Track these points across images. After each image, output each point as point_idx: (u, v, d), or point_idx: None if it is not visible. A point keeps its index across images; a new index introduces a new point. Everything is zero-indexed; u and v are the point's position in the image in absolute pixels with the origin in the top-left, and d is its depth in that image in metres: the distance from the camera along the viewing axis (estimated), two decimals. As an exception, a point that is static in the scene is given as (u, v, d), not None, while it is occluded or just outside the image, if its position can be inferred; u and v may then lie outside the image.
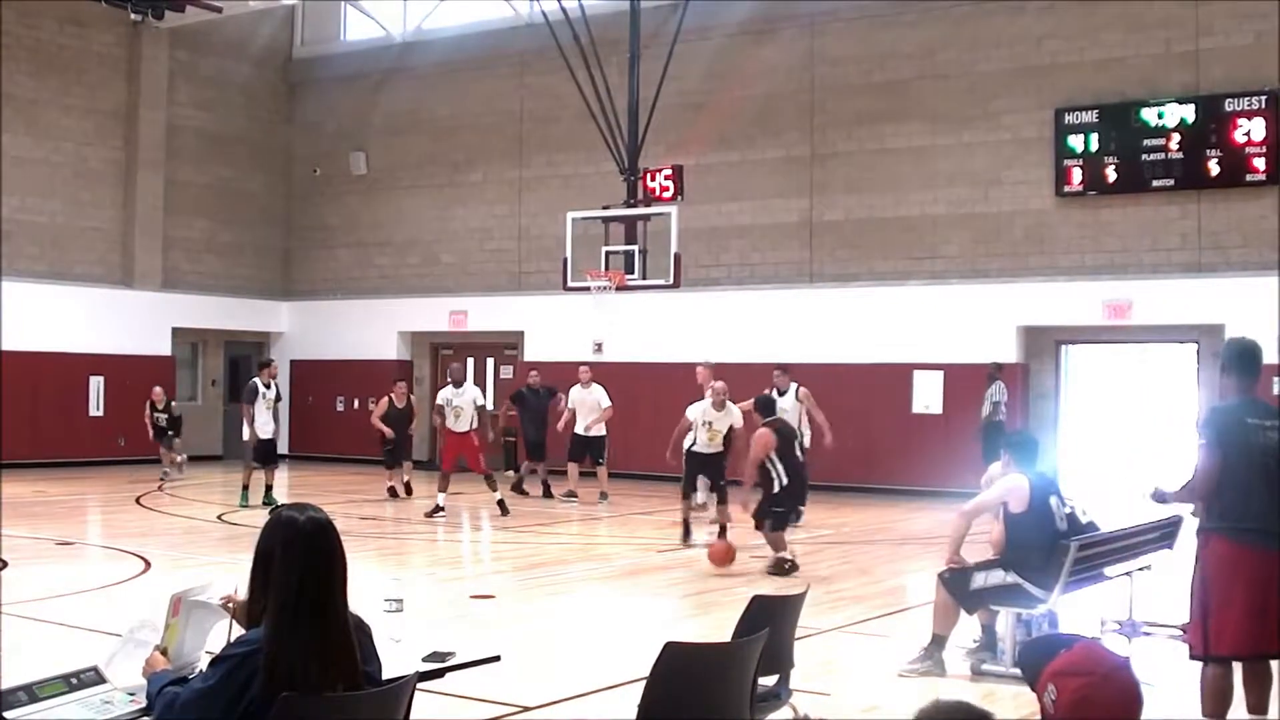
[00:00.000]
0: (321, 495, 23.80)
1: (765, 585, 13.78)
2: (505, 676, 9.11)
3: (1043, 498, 10.13)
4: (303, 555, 4.71)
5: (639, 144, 24.07)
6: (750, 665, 6.24)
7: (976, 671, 10.23)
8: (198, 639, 5.13)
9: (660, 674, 5.71)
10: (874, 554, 18.21)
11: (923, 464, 25.49)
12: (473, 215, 32.72)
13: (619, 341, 28.97)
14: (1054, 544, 9.96)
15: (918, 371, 26.24)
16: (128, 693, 5.08)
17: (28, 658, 9.97)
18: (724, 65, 29.03)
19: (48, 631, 11.75)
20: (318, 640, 4.63)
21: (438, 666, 5.96)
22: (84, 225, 31.72)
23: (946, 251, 26.68)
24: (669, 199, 23.27)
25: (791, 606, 7.35)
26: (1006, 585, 10.07)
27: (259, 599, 4.75)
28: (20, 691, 4.89)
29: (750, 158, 28.79)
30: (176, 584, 5.57)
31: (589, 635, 12.73)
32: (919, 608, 12.52)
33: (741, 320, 27.88)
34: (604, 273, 23.14)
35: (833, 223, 27.89)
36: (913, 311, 26.39)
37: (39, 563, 16.32)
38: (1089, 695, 4.34)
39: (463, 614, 13.17)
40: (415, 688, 5.09)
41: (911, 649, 10.49)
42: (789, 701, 7.32)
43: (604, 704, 9.23)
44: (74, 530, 19.25)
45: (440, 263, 33.24)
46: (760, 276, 28.58)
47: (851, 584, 15.45)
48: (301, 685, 4.52)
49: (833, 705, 9.13)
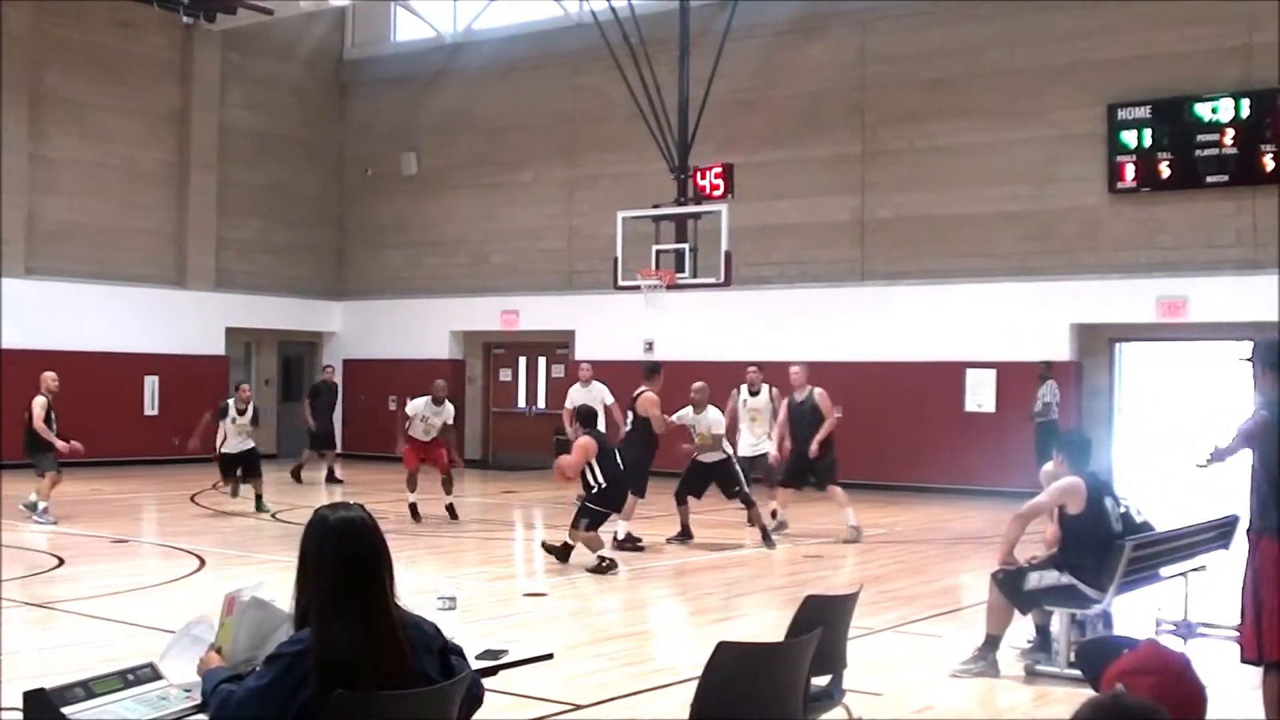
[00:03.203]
0: (373, 494, 23.88)
1: (816, 585, 13.76)
2: (557, 675, 9.14)
3: (1098, 498, 10.08)
4: (336, 554, 4.74)
5: (689, 142, 24.02)
6: (803, 665, 6.22)
7: (1030, 672, 10.19)
8: (252, 638, 5.14)
9: (713, 674, 5.71)
10: (926, 553, 18.15)
11: (975, 463, 25.39)
12: (523, 215, 32.77)
13: (670, 340, 28.96)
14: (1109, 544, 9.91)
15: (970, 370, 26.15)
16: (183, 689, 5.11)
17: (84, 654, 10.05)
18: (773, 63, 29.00)
19: (103, 628, 11.84)
20: (361, 638, 4.64)
21: (491, 665, 5.98)
22: (137, 226, 31.95)
23: (998, 249, 26.56)
24: (719, 197, 23.20)
25: (844, 606, 7.33)
26: (1061, 586, 10.02)
27: (302, 599, 4.79)
28: (77, 688, 4.91)
29: (801, 155, 28.73)
30: (230, 582, 5.60)
31: (641, 634, 12.74)
32: (972, 608, 12.49)
33: (792, 318, 27.83)
34: (654, 271, 23.09)
35: (884, 220, 27.82)
36: (965, 309, 26.31)
37: (95, 560, 16.46)
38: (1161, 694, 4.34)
39: (515, 612, 13.20)
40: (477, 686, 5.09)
41: (965, 649, 10.45)
42: (842, 702, 7.29)
43: (656, 703, 9.23)
44: (129, 528, 19.36)
45: (491, 262, 33.31)
46: (811, 275, 28.52)
47: (904, 584, 15.41)
48: (352, 683, 4.53)
49: (886, 705, 9.10)
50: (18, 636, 11.62)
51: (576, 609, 13.97)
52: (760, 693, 5.95)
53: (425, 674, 4.83)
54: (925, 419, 25.93)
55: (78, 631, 11.79)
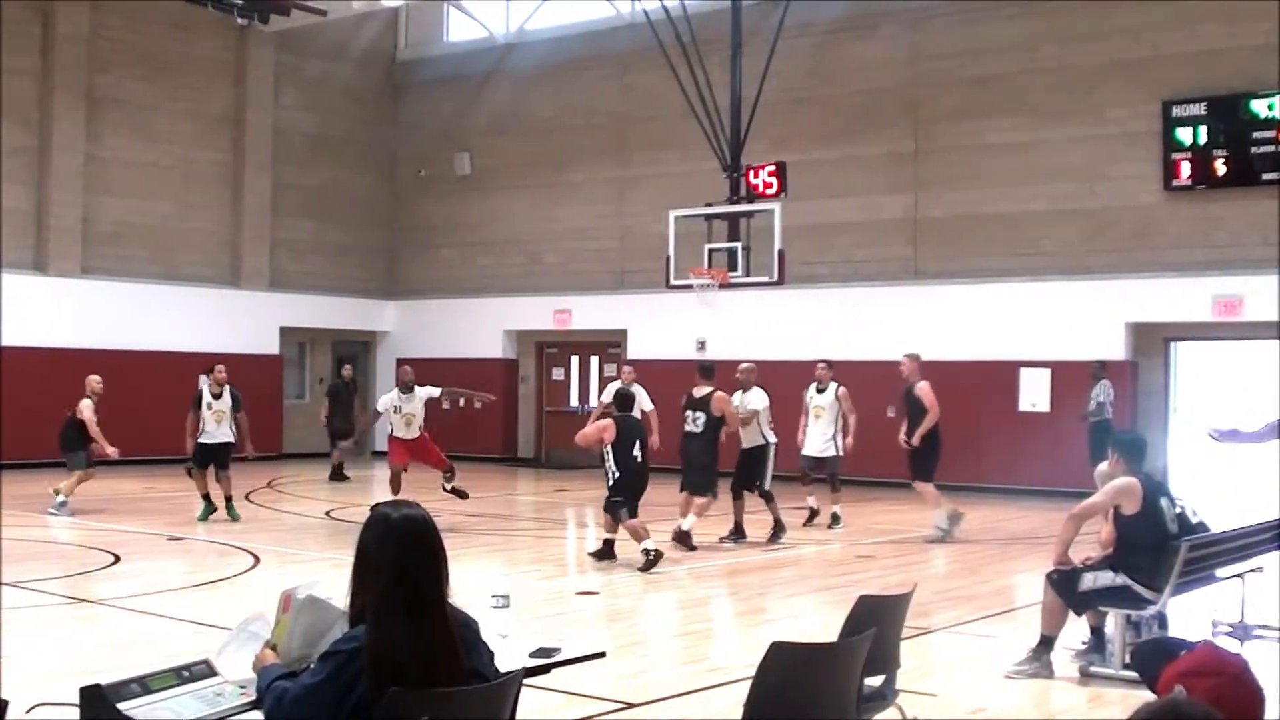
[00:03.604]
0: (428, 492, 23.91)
1: (870, 585, 13.72)
2: (610, 673, 9.15)
3: (1153, 498, 10.02)
4: (396, 552, 4.74)
5: (741, 141, 23.98)
6: (856, 665, 6.22)
7: (1085, 673, 10.14)
8: (307, 635, 5.16)
9: (766, 673, 5.70)
10: (981, 553, 18.07)
11: (1030, 462, 25.29)
12: (575, 215, 32.83)
13: (722, 339, 28.95)
14: (1164, 545, 9.85)
15: (1024, 369, 26.03)
16: (239, 686, 5.13)
17: (139, 651, 10.11)
18: (825, 61, 28.96)
19: (159, 625, 11.93)
20: (416, 636, 4.65)
21: (544, 662, 5.98)
22: (193, 227, 32.18)
23: (1052, 247, 26.44)
24: (772, 195, 23.16)
25: (898, 606, 7.31)
26: (1116, 587, 9.96)
27: (359, 596, 4.80)
28: (133, 684, 4.94)
29: (853, 154, 28.68)
30: (285, 579, 5.62)
31: (693, 633, 12.74)
32: (1026, 609, 12.43)
33: (845, 317, 27.79)
34: (707, 270, 23.06)
35: (936, 219, 27.74)
36: (1019, 308, 26.20)
37: (150, 558, 16.58)
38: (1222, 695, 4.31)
39: (568, 610, 13.22)
40: (522, 684, 5.11)
41: (1019, 650, 10.40)
42: (895, 702, 7.28)
43: (708, 703, 9.23)
44: (184, 526, 19.48)
45: (543, 262, 33.38)
46: (864, 273, 28.46)
47: (958, 583, 15.36)
48: (406, 681, 4.55)
49: (939, 706, 9.07)
50: (73, 633, 11.73)
51: (629, 608, 13.99)
52: (813, 693, 5.95)
53: (478, 672, 4.84)
54: (979, 419, 25.81)
55: (133, 628, 11.87)
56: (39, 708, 6.45)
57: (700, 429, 17.70)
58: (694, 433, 17.80)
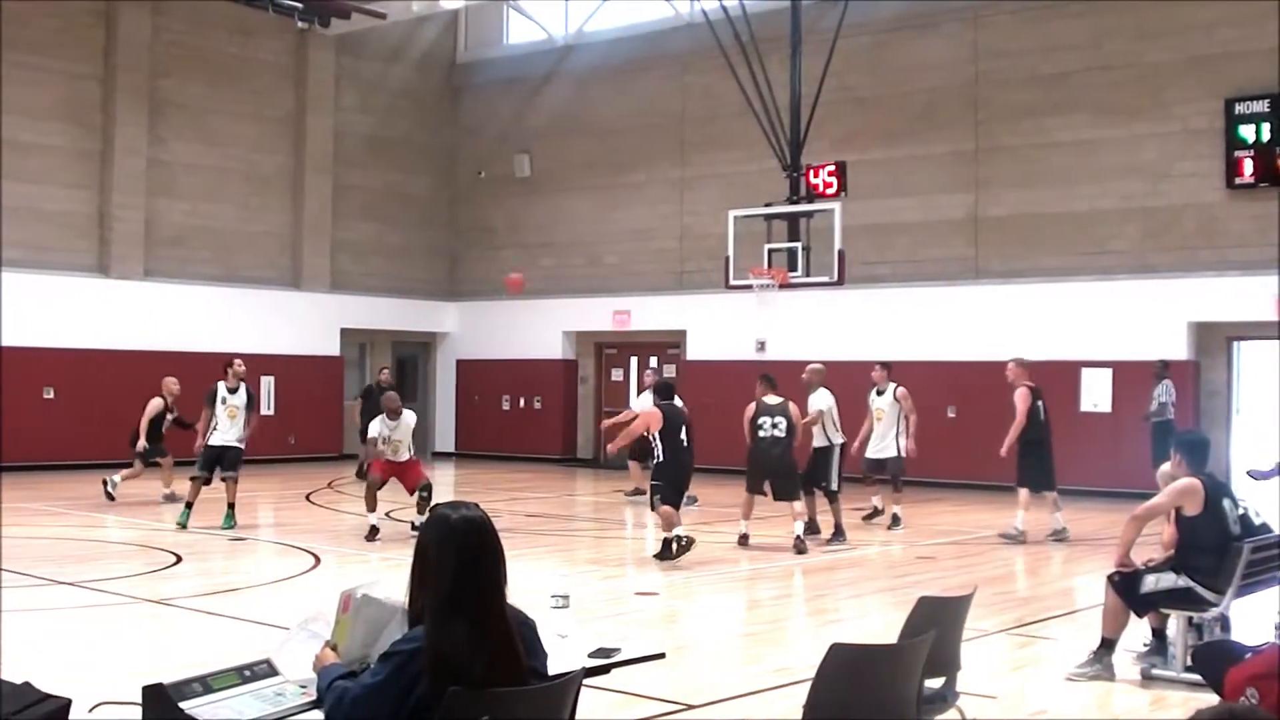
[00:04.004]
0: (487, 494, 24.03)
1: (931, 587, 13.68)
2: (669, 674, 9.15)
3: (1215, 500, 9.93)
4: (456, 553, 4.77)
5: (801, 140, 23.91)
6: (917, 667, 6.20)
7: (1146, 676, 10.07)
8: (368, 636, 5.19)
9: (826, 675, 5.70)
10: (1041, 555, 17.98)
11: (1091, 463, 25.11)
12: (635, 215, 32.85)
13: (781, 340, 28.91)
14: (1226, 547, 9.77)
15: (1086, 369, 25.88)
16: (299, 685, 5.16)
17: (202, 650, 10.19)
18: (885, 59, 28.88)
19: (220, 625, 12.02)
20: (476, 636, 4.68)
21: (603, 663, 5.98)
22: (254, 229, 32.39)
23: (1115, 246, 26.27)
24: (832, 195, 23.08)
25: (959, 608, 7.29)
26: (1177, 588, 9.89)
27: (418, 597, 4.83)
28: (195, 683, 4.98)
29: (914, 153, 28.58)
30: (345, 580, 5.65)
31: (753, 634, 12.73)
32: (1087, 610, 12.37)
33: (906, 317, 27.72)
34: (767, 270, 23.02)
35: (998, 218, 27.61)
36: (1080, 308, 26.04)
37: (212, 558, 16.69)
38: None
39: (627, 611, 13.24)
40: (582, 683, 5.12)
41: (1080, 652, 10.34)
42: (955, 704, 7.25)
43: (768, 704, 9.21)
44: (246, 526, 19.59)
45: (603, 263, 33.42)
46: (925, 273, 28.35)
47: (1019, 585, 15.31)
48: (466, 680, 4.57)
49: (1000, 708, 9.03)
50: (135, 633, 11.81)
51: (688, 608, 13.99)
52: (873, 695, 5.94)
53: (537, 671, 4.86)
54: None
55: (195, 627, 11.96)
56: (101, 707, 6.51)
57: (784, 434, 17.74)
58: (778, 438, 17.75)
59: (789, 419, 17.73)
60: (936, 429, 26.61)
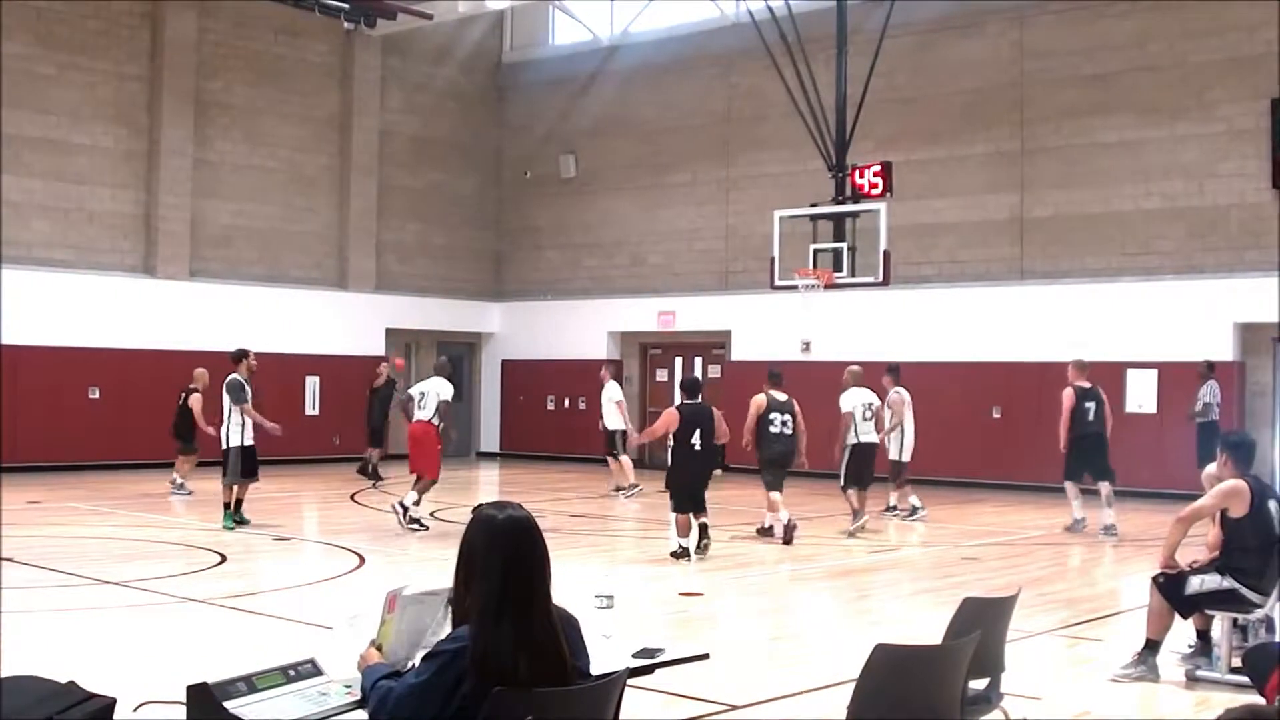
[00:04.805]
0: (532, 494, 24.09)
1: (976, 587, 13.66)
2: (713, 675, 9.15)
3: (1261, 501, 9.90)
4: (501, 553, 4.78)
5: (847, 140, 23.87)
6: (961, 668, 6.21)
7: (1191, 678, 10.04)
8: (413, 635, 5.21)
9: (870, 676, 5.71)
10: (1086, 555, 17.93)
11: (1136, 464, 24.95)
12: (680, 216, 32.85)
13: (827, 340, 28.89)
14: (1272, 548, 9.75)
15: (1131, 370, 25.75)
16: (344, 685, 5.18)
17: (246, 649, 10.24)
18: (930, 60, 28.82)
19: (265, 624, 12.08)
20: (521, 636, 4.70)
21: (648, 663, 5.98)
22: (300, 229, 32.52)
23: (1160, 247, 26.15)
24: (878, 195, 23.03)
25: (1003, 609, 7.30)
26: (1222, 590, 9.86)
27: (463, 596, 4.85)
28: (239, 682, 5.00)
29: (958, 153, 28.51)
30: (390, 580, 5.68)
31: (796, 635, 12.74)
32: (1132, 611, 12.33)
33: (951, 318, 27.66)
34: (812, 271, 23.00)
35: (1042, 219, 27.52)
36: (1125, 309, 25.93)
37: (256, 558, 16.79)
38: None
39: (671, 611, 13.25)
40: (626, 684, 5.13)
41: (1124, 654, 10.32)
42: (1000, 705, 7.25)
43: (811, 705, 9.22)
44: (290, 526, 19.67)
45: (648, 263, 33.43)
46: (970, 274, 28.28)
47: (1064, 586, 15.27)
48: (510, 680, 4.59)
49: (1044, 709, 9.01)
50: (179, 632, 11.88)
51: (732, 609, 14.01)
52: (917, 696, 5.95)
53: (581, 671, 4.88)
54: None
55: (240, 627, 12.01)
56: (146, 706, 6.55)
57: (791, 431, 18.31)
58: (785, 434, 18.36)
59: (795, 416, 18.43)
60: (981, 430, 26.57)
